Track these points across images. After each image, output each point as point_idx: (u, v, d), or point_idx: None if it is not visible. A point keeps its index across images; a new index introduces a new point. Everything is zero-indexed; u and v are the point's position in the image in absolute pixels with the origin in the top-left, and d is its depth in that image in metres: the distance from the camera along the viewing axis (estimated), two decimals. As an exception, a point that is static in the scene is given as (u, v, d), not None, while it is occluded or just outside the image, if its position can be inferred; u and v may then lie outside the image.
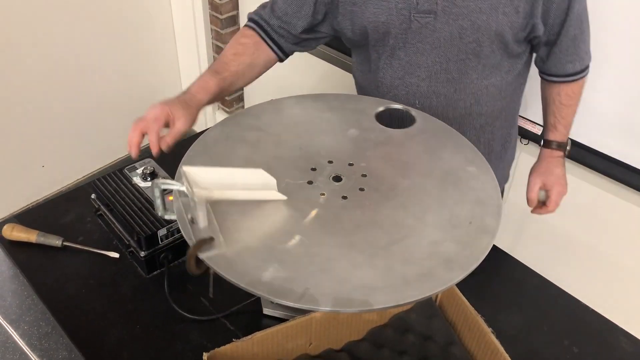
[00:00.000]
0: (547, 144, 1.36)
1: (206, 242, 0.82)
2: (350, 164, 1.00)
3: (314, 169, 0.99)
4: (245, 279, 0.78)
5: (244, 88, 2.72)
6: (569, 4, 1.12)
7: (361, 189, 0.95)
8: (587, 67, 1.26)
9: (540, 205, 1.39)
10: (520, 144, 1.81)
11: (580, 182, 1.72)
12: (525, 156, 1.85)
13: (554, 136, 1.34)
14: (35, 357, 2.28)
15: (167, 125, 1.03)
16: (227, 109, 2.87)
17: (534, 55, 1.28)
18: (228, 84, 1.17)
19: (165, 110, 1.02)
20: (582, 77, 1.26)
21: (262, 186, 0.91)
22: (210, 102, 1.13)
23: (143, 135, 1.01)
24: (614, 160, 1.60)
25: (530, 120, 1.73)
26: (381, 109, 1.15)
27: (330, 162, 1.01)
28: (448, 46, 1.16)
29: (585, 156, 1.65)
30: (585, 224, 1.79)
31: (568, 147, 1.36)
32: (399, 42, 1.18)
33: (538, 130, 1.73)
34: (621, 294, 1.76)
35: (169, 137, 1.02)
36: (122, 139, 2.82)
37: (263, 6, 1.27)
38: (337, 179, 0.97)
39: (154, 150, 1.01)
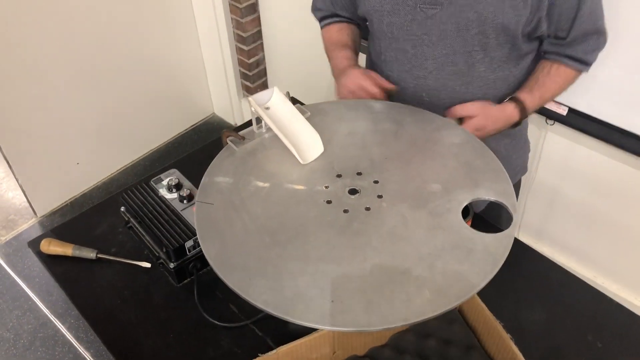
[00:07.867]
0: (513, 99, 1.19)
1: (238, 135, 1.12)
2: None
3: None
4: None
5: (268, 77, 2.79)
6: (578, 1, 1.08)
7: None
8: (587, 64, 1.18)
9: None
10: (546, 124, 1.79)
11: (609, 161, 1.69)
12: (551, 135, 1.83)
13: (524, 97, 1.18)
14: (82, 349, 2.36)
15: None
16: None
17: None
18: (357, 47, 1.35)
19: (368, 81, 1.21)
20: (579, 70, 1.20)
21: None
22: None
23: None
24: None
25: (554, 101, 1.70)
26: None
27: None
28: (454, 37, 1.15)
29: (614, 135, 1.62)
30: (616, 203, 1.77)
31: (522, 122, 1.22)
32: (403, 33, 1.18)
33: (563, 111, 1.70)
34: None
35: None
36: (149, 133, 2.88)
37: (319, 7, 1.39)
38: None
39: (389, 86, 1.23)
